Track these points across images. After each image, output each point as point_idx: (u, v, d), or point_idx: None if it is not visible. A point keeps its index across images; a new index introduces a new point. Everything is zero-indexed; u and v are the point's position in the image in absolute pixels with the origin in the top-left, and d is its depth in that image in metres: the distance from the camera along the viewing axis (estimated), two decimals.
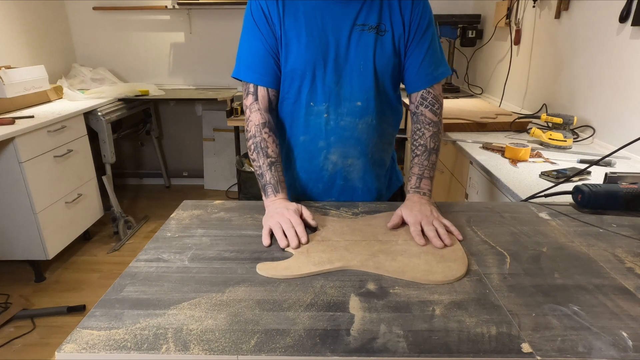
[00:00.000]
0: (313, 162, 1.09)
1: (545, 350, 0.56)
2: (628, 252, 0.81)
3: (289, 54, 1.00)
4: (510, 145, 1.46)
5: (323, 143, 1.06)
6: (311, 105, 1.03)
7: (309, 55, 0.99)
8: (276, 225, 0.86)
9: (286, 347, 0.57)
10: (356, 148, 1.07)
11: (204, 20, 3.32)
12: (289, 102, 1.06)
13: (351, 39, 0.99)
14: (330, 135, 1.05)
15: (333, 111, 1.03)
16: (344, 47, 0.99)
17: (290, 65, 1.01)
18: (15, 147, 2.04)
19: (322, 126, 1.04)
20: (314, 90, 1.02)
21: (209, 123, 3.58)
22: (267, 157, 1.00)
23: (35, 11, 2.98)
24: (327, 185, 1.12)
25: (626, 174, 1.09)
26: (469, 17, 2.93)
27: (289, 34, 0.99)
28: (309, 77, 1.01)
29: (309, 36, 0.98)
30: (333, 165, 1.09)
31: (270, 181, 0.98)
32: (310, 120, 1.05)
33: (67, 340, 0.58)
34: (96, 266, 2.53)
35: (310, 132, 1.06)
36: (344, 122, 1.04)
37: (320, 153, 1.07)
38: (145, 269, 0.76)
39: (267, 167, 0.99)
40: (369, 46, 1.00)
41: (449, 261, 0.76)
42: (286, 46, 1.00)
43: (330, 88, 1.01)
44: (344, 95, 1.02)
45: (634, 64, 1.49)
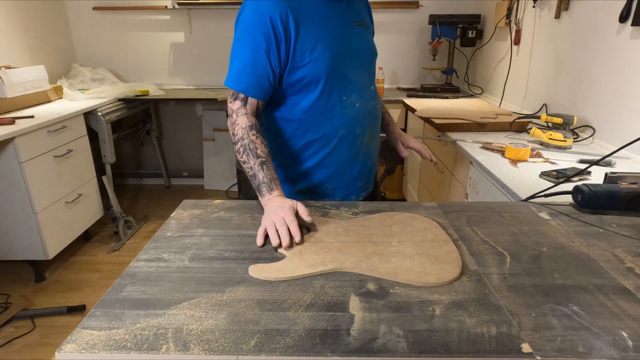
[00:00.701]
0: (351, 150, 1.17)
1: (545, 350, 0.56)
2: (628, 252, 0.81)
3: (314, 57, 1.04)
4: (510, 145, 1.46)
5: (359, 130, 1.16)
6: (344, 99, 1.11)
7: (332, 54, 1.06)
8: (270, 225, 0.86)
9: (286, 347, 0.57)
10: (376, 126, 1.24)
11: (204, 20, 3.32)
12: (322, 103, 1.09)
13: (353, 34, 1.12)
14: (364, 121, 1.16)
15: (361, 99, 1.14)
16: (352, 41, 1.11)
17: (320, 67, 1.05)
18: (15, 147, 2.04)
19: (357, 115, 1.14)
20: (343, 85, 1.10)
21: (209, 123, 3.58)
22: (258, 158, 1.00)
23: (35, 11, 2.98)
24: (360, 167, 1.22)
25: (626, 174, 1.10)
26: (469, 17, 2.93)
27: (307, 39, 1.03)
28: (336, 75, 1.08)
29: (327, 36, 1.05)
30: (366, 147, 1.20)
31: (263, 180, 0.99)
32: (345, 113, 1.12)
33: (67, 340, 0.58)
34: (96, 266, 2.53)
35: (348, 123, 1.13)
36: (369, 106, 1.17)
37: (357, 140, 1.17)
38: (145, 269, 0.76)
39: (259, 167, 0.99)
40: (364, 38, 1.16)
41: (442, 263, 0.76)
42: (309, 51, 1.04)
43: (354, 80, 1.12)
44: (363, 83, 1.16)
45: (634, 64, 1.49)
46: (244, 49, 1.03)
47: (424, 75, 3.39)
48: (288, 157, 1.16)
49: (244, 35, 1.03)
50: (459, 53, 3.13)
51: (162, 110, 3.65)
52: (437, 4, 3.16)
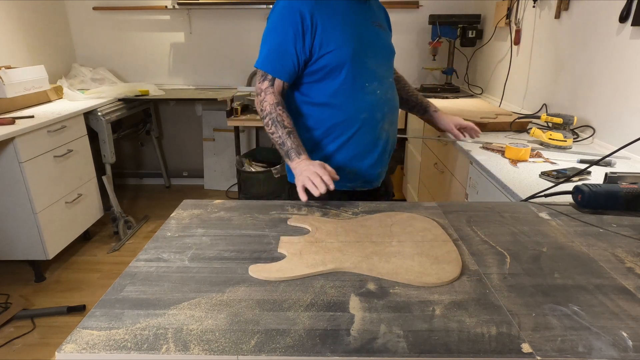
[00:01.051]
0: (372, 134, 1.27)
1: (545, 350, 0.56)
2: (628, 252, 0.81)
3: (338, 46, 1.17)
4: (510, 145, 1.46)
5: (380, 115, 1.26)
6: (366, 85, 1.23)
7: (354, 44, 1.18)
8: (306, 180, 1.02)
9: (286, 347, 0.57)
10: (395, 114, 1.34)
11: (204, 20, 3.32)
12: (344, 86, 1.21)
13: (373, 32, 1.25)
14: (384, 107, 1.27)
15: (381, 87, 1.26)
16: (373, 38, 1.25)
17: (344, 54, 1.18)
18: (15, 147, 2.04)
19: (378, 101, 1.25)
20: (365, 72, 1.22)
21: (209, 123, 3.58)
22: (285, 128, 1.15)
23: (35, 11, 2.98)
24: (380, 152, 1.31)
25: (626, 174, 1.10)
26: (469, 17, 2.93)
27: (331, 31, 1.16)
28: (361, 62, 1.20)
29: (349, 30, 1.19)
30: (385, 133, 1.30)
31: (291, 146, 1.13)
32: (367, 98, 1.23)
33: (67, 340, 0.58)
34: (96, 266, 2.53)
35: (370, 108, 1.24)
36: (389, 95, 1.29)
37: (378, 125, 1.27)
38: (145, 269, 0.76)
39: (287, 136, 1.14)
40: (383, 37, 1.29)
41: (442, 263, 0.76)
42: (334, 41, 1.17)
43: (374, 69, 1.24)
44: (383, 74, 1.27)
45: (634, 64, 1.49)
46: (274, 36, 1.18)
47: (424, 75, 3.39)
48: (313, 141, 1.26)
49: (275, 24, 1.18)
50: (459, 53, 3.13)
51: (162, 110, 3.65)
52: (437, 4, 3.16)
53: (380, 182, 1.36)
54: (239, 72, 3.41)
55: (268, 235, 0.89)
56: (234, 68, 3.40)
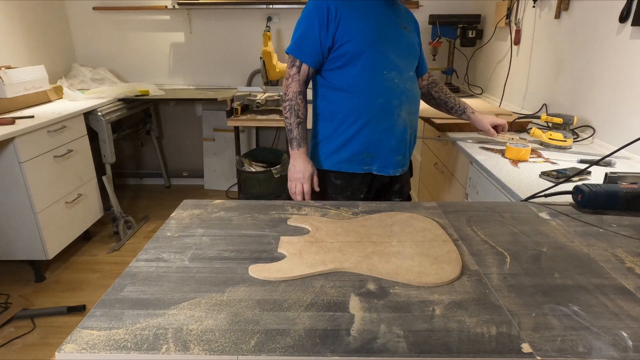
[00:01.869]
0: (389, 119, 1.36)
1: (545, 350, 0.56)
2: (628, 252, 0.81)
3: (358, 35, 1.30)
4: (510, 145, 1.46)
5: (397, 102, 1.36)
6: (385, 73, 1.33)
7: (373, 35, 1.31)
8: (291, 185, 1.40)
9: (286, 347, 0.57)
10: (414, 105, 1.43)
11: (204, 20, 3.31)
12: (364, 72, 1.32)
13: (397, 32, 1.36)
14: (401, 95, 1.36)
15: (399, 77, 1.35)
16: (396, 36, 1.36)
17: (366, 41, 1.30)
18: (15, 147, 2.04)
19: (395, 88, 1.35)
20: (384, 61, 1.33)
21: (209, 123, 3.58)
22: (297, 117, 1.36)
23: (35, 11, 2.98)
24: (398, 140, 1.40)
25: (626, 174, 1.10)
26: (469, 17, 2.93)
27: (352, 24, 1.30)
28: (380, 51, 1.32)
29: (370, 24, 1.31)
30: (402, 120, 1.38)
31: (297, 136, 1.36)
32: (384, 84, 1.33)
33: (67, 340, 0.58)
34: (96, 266, 2.53)
35: (387, 93, 1.34)
36: (407, 85, 1.38)
37: (394, 111, 1.36)
38: (145, 269, 0.76)
39: (296, 125, 1.36)
40: (407, 38, 1.40)
41: (443, 263, 0.76)
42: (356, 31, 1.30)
43: (394, 61, 1.34)
44: (402, 66, 1.37)
45: (634, 64, 1.49)
46: (304, 26, 1.33)
47: None
48: (335, 123, 1.39)
49: (305, 16, 1.33)
50: (459, 53, 3.13)
51: (162, 110, 3.65)
52: (437, 4, 3.15)
53: (399, 171, 1.45)
54: (239, 72, 3.41)
55: (268, 235, 0.89)
56: (234, 68, 3.40)
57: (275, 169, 2.82)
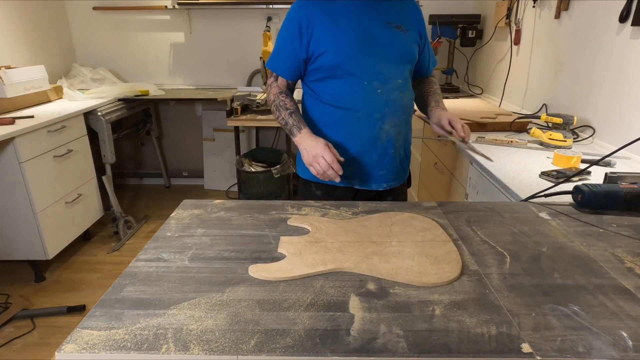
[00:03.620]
0: (370, 133, 1.28)
1: (545, 350, 0.56)
2: (628, 252, 0.81)
3: (337, 46, 1.22)
4: (558, 152, 1.38)
5: (378, 115, 1.27)
6: (365, 84, 1.24)
7: (356, 44, 1.22)
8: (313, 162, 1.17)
9: (286, 347, 0.57)
10: (402, 117, 1.32)
11: (204, 20, 3.31)
12: (344, 84, 1.25)
13: (384, 33, 1.25)
14: (384, 107, 1.27)
15: (383, 87, 1.26)
16: (381, 38, 1.24)
17: (341, 52, 1.22)
18: (15, 147, 2.04)
19: (377, 99, 1.26)
20: (365, 71, 1.24)
21: (209, 123, 3.58)
22: (287, 109, 1.28)
23: (35, 11, 2.98)
24: (381, 154, 1.32)
25: (626, 174, 1.10)
26: (469, 17, 2.93)
27: (332, 31, 1.22)
28: (359, 61, 1.23)
29: (352, 30, 1.22)
30: (386, 134, 1.30)
31: (293, 123, 1.25)
32: (365, 96, 1.25)
33: (67, 340, 0.58)
34: (96, 266, 2.53)
35: (367, 106, 1.26)
36: (393, 95, 1.27)
37: (376, 124, 1.27)
38: (145, 269, 0.76)
39: (289, 115, 1.27)
40: (398, 39, 1.27)
41: (442, 263, 0.76)
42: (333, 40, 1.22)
43: (377, 69, 1.24)
44: (389, 74, 1.26)
45: (634, 64, 1.49)
46: (280, 39, 1.30)
47: None
48: (322, 135, 1.30)
49: (282, 28, 1.29)
50: (459, 53, 3.13)
51: (162, 110, 3.65)
52: (437, 4, 3.15)
53: (383, 186, 1.35)
54: (239, 72, 3.41)
55: (268, 235, 0.89)
56: (234, 68, 3.40)
57: (275, 169, 2.82)
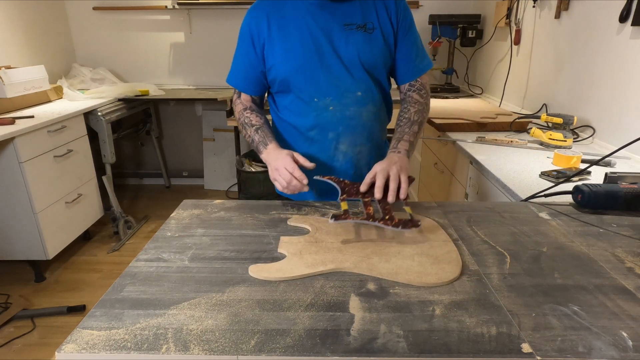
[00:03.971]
0: (325, 153, 1.17)
1: (545, 350, 0.56)
2: (628, 252, 0.81)
3: (285, 59, 1.10)
4: (558, 152, 1.38)
5: (332, 134, 1.15)
6: (315, 101, 1.12)
7: (305, 56, 1.09)
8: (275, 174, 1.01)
9: (286, 347, 0.57)
10: (363, 134, 1.17)
11: (204, 20, 3.31)
12: (295, 101, 1.15)
13: (341, 38, 1.09)
14: (338, 125, 1.14)
15: (337, 103, 1.12)
16: (336, 45, 1.09)
17: (289, 68, 1.10)
18: (15, 147, 2.04)
19: (330, 118, 1.13)
20: (315, 87, 1.11)
21: (209, 123, 3.58)
22: (252, 126, 1.16)
23: (35, 11, 2.98)
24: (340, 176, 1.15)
25: (626, 174, 1.10)
26: (469, 17, 2.93)
27: (280, 43, 1.10)
28: (309, 76, 1.10)
29: (302, 40, 1.08)
30: (343, 155, 1.17)
31: (259, 140, 1.12)
32: (317, 114, 1.13)
33: (67, 340, 0.58)
34: (96, 266, 2.53)
35: (319, 125, 1.14)
36: (349, 112, 1.13)
37: (331, 144, 1.16)
38: (145, 269, 0.76)
39: (254, 132, 1.14)
40: (358, 43, 1.09)
41: (443, 263, 0.76)
42: (281, 53, 1.10)
43: (330, 83, 1.10)
44: (345, 87, 1.11)
45: (634, 64, 1.49)
46: (236, 52, 1.18)
47: None
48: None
49: (238, 39, 1.17)
50: (459, 53, 3.13)
51: (162, 110, 3.65)
52: (437, 4, 3.15)
53: None
54: None
55: (268, 235, 0.89)
56: None
57: None
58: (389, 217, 0.82)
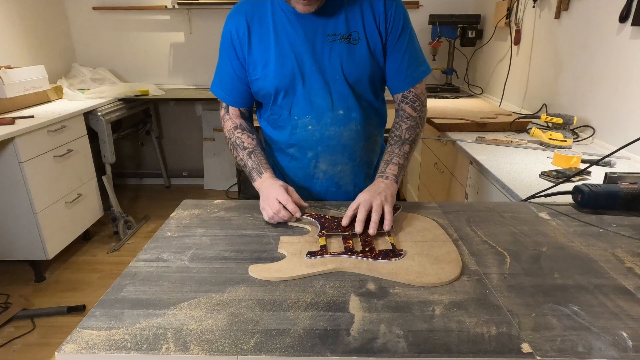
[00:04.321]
0: (304, 171, 1.13)
1: (545, 350, 0.56)
2: (628, 252, 0.81)
3: (265, 73, 1.03)
4: (558, 152, 1.38)
5: (311, 154, 1.09)
6: (295, 119, 1.06)
7: (284, 71, 1.01)
8: (265, 206, 0.94)
9: (286, 347, 0.57)
10: (344, 155, 1.10)
11: (204, 20, 3.32)
12: (274, 117, 1.10)
13: (324, 50, 1.00)
14: (317, 145, 1.08)
15: (316, 123, 1.05)
16: (318, 58, 1.00)
17: (268, 83, 1.03)
18: (15, 147, 2.04)
19: (308, 138, 1.07)
20: (294, 104, 1.05)
21: (209, 123, 3.58)
22: (245, 149, 1.08)
23: (35, 11, 2.98)
24: (321, 193, 1.16)
25: (626, 174, 1.09)
26: (469, 17, 2.93)
27: (260, 54, 1.02)
28: (288, 92, 1.04)
29: (281, 53, 1.00)
30: (323, 173, 1.12)
31: (252, 166, 1.05)
32: (296, 133, 1.08)
33: (67, 340, 0.58)
34: (96, 266, 2.53)
35: (299, 144, 1.09)
36: (329, 132, 1.06)
37: (310, 163, 1.11)
38: (145, 269, 0.76)
39: (247, 156, 1.07)
40: (342, 55, 1.00)
41: (442, 263, 0.76)
42: (261, 66, 1.02)
43: (309, 101, 1.04)
44: (325, 106, 1.04)
45: (634, 64, 1.49)
46: (219, 61, 1.10)
47: None
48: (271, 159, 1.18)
49: (220, 45, 1.08)
50: (459, 53, 3.13)
51: (162, 110, 3.65)
52: (437, 4, 3.16)
53: None
54: None
55: (268, 235, 0.89)
56: None
57: None
58: (369, 249, 0.80)
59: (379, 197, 0.90)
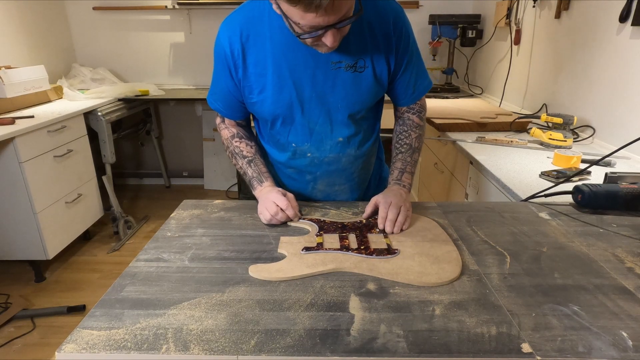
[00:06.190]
0: (304, 189, 1.13)
1: (545, 350, 0.56)
2: (628, 252, 0.81)
3: (261, 98, 0.98)
4: (558, 152, 1.38)
5: (310, 177, 1.10)
6: (293, 146, 1.04)
7: (282, 99, 0.96)
8: (262, 209, 0.94)
9: (286, 347, 0.57)
10: (342, 177, 1.11)
11: (204, 20, 3.32)
12: (273, 138, 1.07)
13: (327, 79, 0.95)
14: (315, 170, 1.08)
15: (315, 150, 1.04)
16: (320, 87, 0.96)
17: (265, 110, 0.99)
18: (15, 147, 2.04)
19: (307, 164, 1.07)
20: (292, 131, 1.02)
21: (209, 123, 3.58)
22: (244, 158, 1.07)
23: (35, 11, 2.98)
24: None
25: (626, 174, 1.10)
26: (469, 17, 2.93)
27: (256, 79, 0.96)
28: (286, 120, 1.00)
29: (279, 80, 0.94)
30: (321, 192, 1.14)
31: (252, 175, 1.05)
32: (295, 159, 1.07)
33: (67, 340, 0.58)
34: (96, 266, 2.53)
35: (296, 167, 1.09)
36: (328, 158, 1.05)
37: (308, 185, 1.12)
38: (145, 269, 0.76)
39: (247, 165, 1.06)
40: (346, 85, 0.96)
41: (443, 263, 0.76)
42: (257, 91, 0.97)
43: (309, 129, 1.01)
44: (324, 133, 1.02)
45: (634, 64, 1.49)
46: (214, 73, 1.04)
47: None
48: None
49: (214, 58, 1.01)
50: (459, 53, 3.13)
51: (162, 110, 3.65)
52: (437, 4, 3.16)
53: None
54: None
55: (268, 235, 0.89)
56: None
57: None
58: (364, 247, 0.82)
59: (404, 205, 0.93)
